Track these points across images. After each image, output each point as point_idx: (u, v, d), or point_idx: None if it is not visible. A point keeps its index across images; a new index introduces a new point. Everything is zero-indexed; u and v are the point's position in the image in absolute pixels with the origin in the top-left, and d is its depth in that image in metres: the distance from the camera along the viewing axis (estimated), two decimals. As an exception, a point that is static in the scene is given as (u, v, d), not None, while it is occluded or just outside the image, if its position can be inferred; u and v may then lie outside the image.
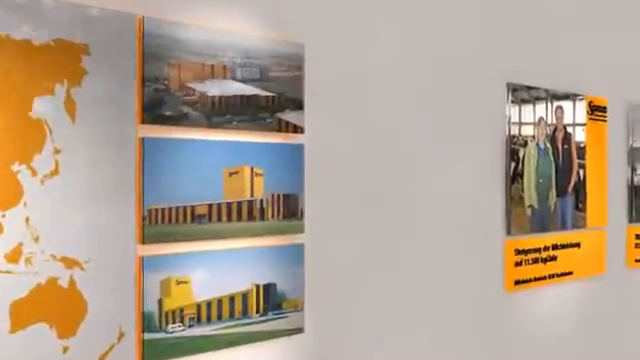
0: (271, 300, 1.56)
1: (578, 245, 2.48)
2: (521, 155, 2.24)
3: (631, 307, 2.80)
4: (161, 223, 1.37)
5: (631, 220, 2.80)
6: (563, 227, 2.41)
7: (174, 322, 1.39)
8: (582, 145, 2.51)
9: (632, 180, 2.80)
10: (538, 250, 2.30)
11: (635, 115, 2.81)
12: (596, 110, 2.58)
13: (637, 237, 2.83)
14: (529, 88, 2.27)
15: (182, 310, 1.40)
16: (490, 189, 2.15)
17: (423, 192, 1.95)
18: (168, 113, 1.39)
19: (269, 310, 1.55)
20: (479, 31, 2.12)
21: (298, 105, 1.62)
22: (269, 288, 1.56)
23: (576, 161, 2.48)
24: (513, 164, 2.21)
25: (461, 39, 2.06)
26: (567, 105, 2.43)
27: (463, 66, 2.07)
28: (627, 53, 2.78)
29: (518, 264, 2.22)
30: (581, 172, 2.51)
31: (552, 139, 2.37)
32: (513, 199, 2.20)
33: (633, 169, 2.81)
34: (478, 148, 2.12)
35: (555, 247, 2.37)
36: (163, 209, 1.38)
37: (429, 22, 1.96)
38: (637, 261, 2.82)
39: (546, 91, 2.34)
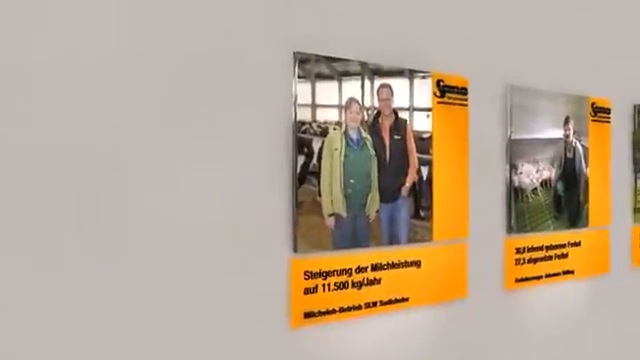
0: None
1: (417, 264, 1.93)
2: (316, 147, 1.70)
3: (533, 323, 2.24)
4: None
5: (510, 231, 2.24)
6: (392, 241, 1.87)
7: None
8: (426, 135, 1.96)
9: (511, 180, 2.24)
10: (347, 272, 1.76)
11: (517, 100, 2.25)
12: (452, 92, 2.03)
13: (518, 251, 2.27)
14: (331, 59, 1.73)
15: None
16: (267, 194, 1.62)
17: (154, 204, 1.42)
18: None
19: None
20: (246, -18, 1.59)
21: None
22: None
23: (415, 156, 1.93)
24: (303, 159, 1.67)
25: (213, -9, 1.53)
26: (399, 84, 1.89)
27: (224, 30, 1.54)
28: (497, 23, 2.22)
29: (310, 291, 1.68)
30: (424, 170, 1.96)
31: (373, 127, 1.83)
32: (303, 206, 1.67)
33: (512, 167, 2.25)
34: (247, 139, 1.58)
35: (377, 268, 1.83)
36: None
37: (152, -35, 1.44)
38: (517, 281, 2.26)
39: (362, 64, 1.79)
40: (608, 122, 2.65)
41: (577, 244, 2.49)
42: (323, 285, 1.71)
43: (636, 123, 2.81)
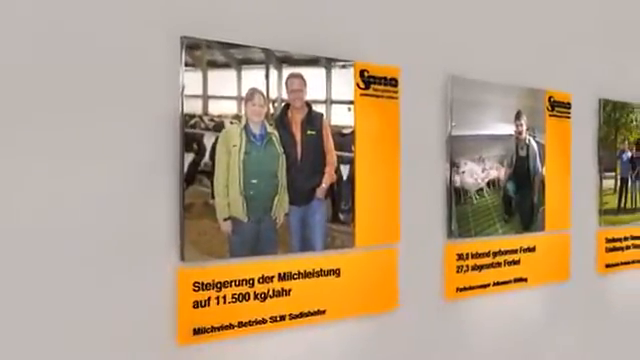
0: None
1: (336, 272, 1.75)
2: (208, 144, 1.52)
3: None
4: None
5: (451, 235, 2.05)
6: (305, 248, 1.69)
7: None
8: (347, 131, 1.78)
9: (451, 180, 2.05)
10: (248, 282, 1.58)
11: (458, 92, 2.06)
12: (379, 83, 1.84)
13: (460, 257, 2.08)
14: (227, 46, 1.55)
15: None
16: (149, 196, 1.44)
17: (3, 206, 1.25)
18: None
19: None
20: (123, -43, 1.41)
21: None
22: None
23: (334, 153, 1.75)
24: (192, 156, 1.49)
25: (80, -33, 1.35)
26: (314, 73, 1.71)
27: (97, 10, 1.37)
28: (435, 4, 2.03)
29: (201, 304, 1.50)
30: (344, 169, 1.78)
31: (281, 121, 1.65)
32: (192, 209, 1.49)
33: (453, 165, 2.06)
34: (125, 135, 1.41)
35: (285, 277, 1.65)
36: None
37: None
38: (459, 290, 2.07)
39: (266, 51, 1.61)
40: (568, 117, 2.45)
41: (531, 249, 2.30)
42: (217, 297, 1.53)
43: (602, 119, 2.62)
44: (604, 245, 2.63)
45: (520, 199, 2.27)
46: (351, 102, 1.78)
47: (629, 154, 2.75)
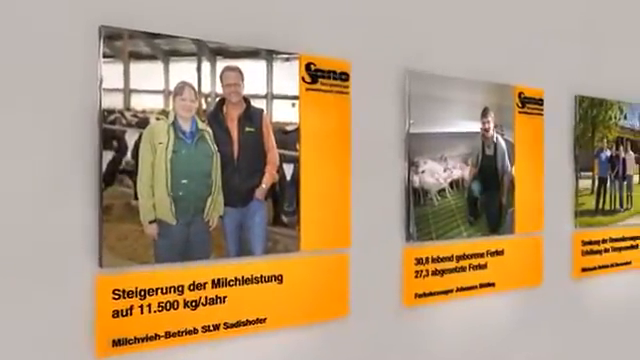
0: None
1: (278, 278, 1.64)
2: (131, 141, 1.42)
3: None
4: None
5: (409, 239, 1.94)
6: (243, 252, 1.58)
7: None
8: (291, 128, 1.67)
9: (410, 180, 1.94)
10: (177, 289, 1.47)
11: (417, 87, 1.95)
12: (327, 77, 1.74)
13: (420, 262, 1.97)
14: (152, 36, 1.44)
15: None
16: (64, 197, 1.33)
17: None
18: None
19: None
20: (33, -60, 1.31)
21: None
22: None
23: (276, 152, 1.64)
24: (111, 154, 1.39)
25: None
26: (253, 67, 1.60)
27: (3, -4, 1.27)
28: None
29: (122, 313, 1.40)
30: (288, 169, 1.67)
31: (215, 117, 1.54)
32: (112, 211, 1.38)
33: (412, 164, 1.95)
34: (38, 131, 1.31)
35: (219, 284, 1.54)
36: None
37: None
38: (419, 296, 1.96)
39: (198, 43, 1.51)
40: (540, 114, 2.34)
41: (499, 253, 2.19)
42: (141, 306, 1.42)
43: (578, 116, 2.50)
44: (580, 248, 2.51)
45: (487, 200, 2.16)
46: (295, 97, 1.68)
47: (608, 153, 2.63)
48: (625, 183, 2.70)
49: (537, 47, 2.34)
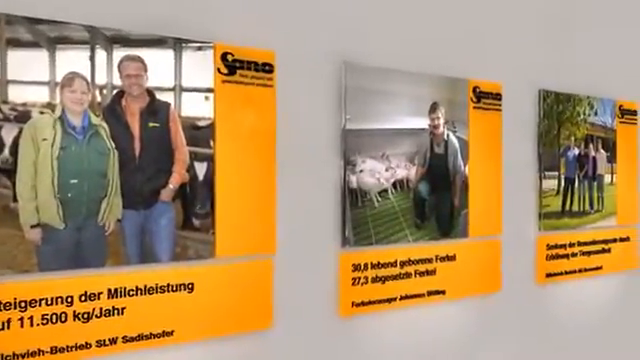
0: None
1: (188, 287, 1.50)
2: (8, 137, 1.29)
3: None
4: None
5: (345, 243, 1.80)
6: (146, 259, 1.45)
7: None
8: (204, 123, 1.54)
9: (346, 180, 1.80)
10: (65, 300, 1.34)
11: (355, 80, 1.81)
12: (247, 68, 1.60)
13: (357, 268, 1.83)
14: (35, 21, 1.31)
15: None
16: None
17: None
18: None
19: None
20: None
21: None
22: None
23: (185, 149, 1.51)
24: (-16, 152, 1.26)
25: None
26: (158, 56, 1.47)
27: None
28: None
29: (0, 328, 1.27)
30: (200, 168, 1.53)
31: (113, 111, 1.41)
32: (-15, 214, 1.25)
33: (348, 163, 1.81)
34: None
35: (117, 294, 1.40)
36: None
37: None
38: (356, 305, 1.82)
39: (91, 29, 1.37)
40: (498, 110, 2.19)
41: (450, 258, 2.05)
42: (21, 319, 1.29)
43: (542, 112, 2.35)
44: (545, 252, 2.36)
45: (436, 202, 2.02)
46: (210, 90, 1.54)
47: (576, 151, 2.48)
48: (595, 183, 2.55)
49: (496, 37, 2.19)
